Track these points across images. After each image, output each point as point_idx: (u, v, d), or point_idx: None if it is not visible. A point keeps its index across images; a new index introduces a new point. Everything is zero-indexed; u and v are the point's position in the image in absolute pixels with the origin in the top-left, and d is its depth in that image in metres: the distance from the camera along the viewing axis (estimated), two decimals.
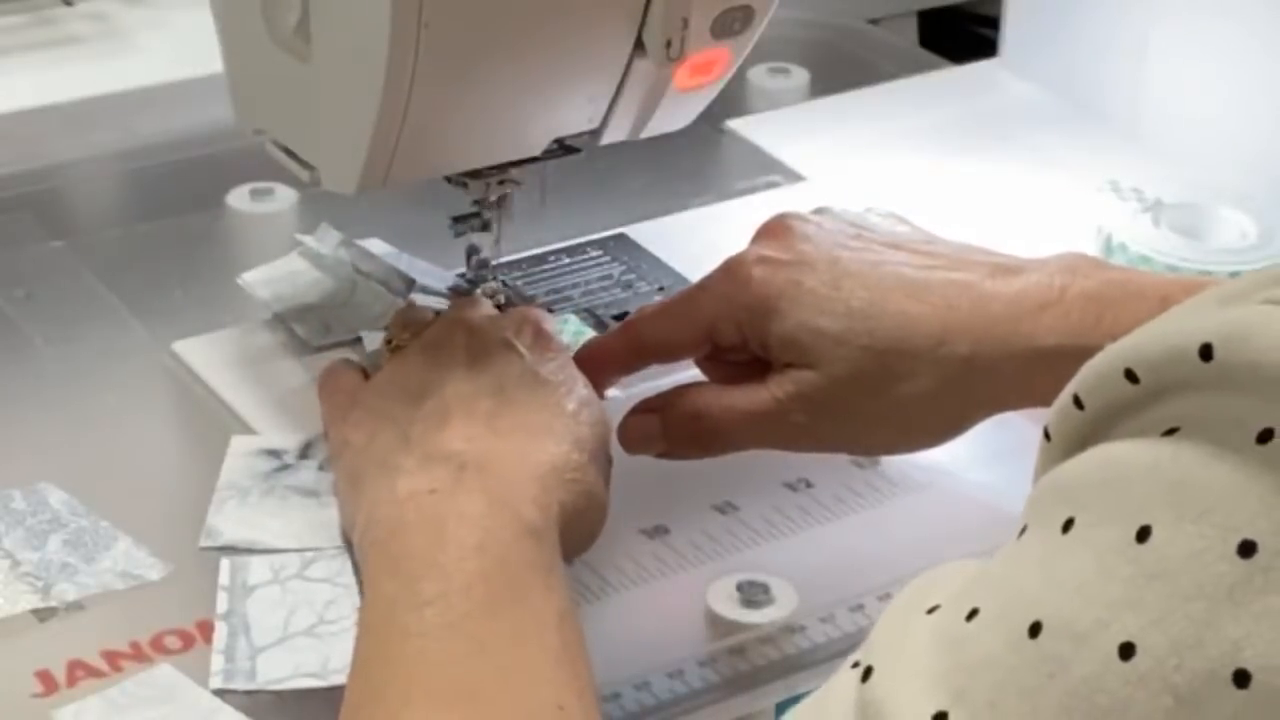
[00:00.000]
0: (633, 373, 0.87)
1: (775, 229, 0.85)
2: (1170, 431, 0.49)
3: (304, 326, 0.94)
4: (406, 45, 0.78)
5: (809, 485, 0.87)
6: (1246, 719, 0.47)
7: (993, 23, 1.27)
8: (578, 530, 0.76)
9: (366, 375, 0.85)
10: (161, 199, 1.09)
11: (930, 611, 0.53)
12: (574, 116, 0.86)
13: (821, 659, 0.78)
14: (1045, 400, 0.82)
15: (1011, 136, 1.17)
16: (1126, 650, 0.47)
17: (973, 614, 0.51)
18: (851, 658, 0.54)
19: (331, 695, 0.73)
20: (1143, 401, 0.50)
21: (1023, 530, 0.52)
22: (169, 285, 1.00)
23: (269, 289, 0.97)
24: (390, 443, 0.78)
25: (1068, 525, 0.50)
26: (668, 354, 0.86)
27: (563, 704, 0.67)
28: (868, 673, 0.52)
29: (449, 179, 0.89)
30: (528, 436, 0.76)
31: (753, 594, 0.79)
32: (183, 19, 1.22)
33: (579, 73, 0.84)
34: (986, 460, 0.89)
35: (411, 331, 0.84)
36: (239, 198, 1.06)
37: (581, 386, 0.80)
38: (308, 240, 0.99)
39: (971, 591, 0.52)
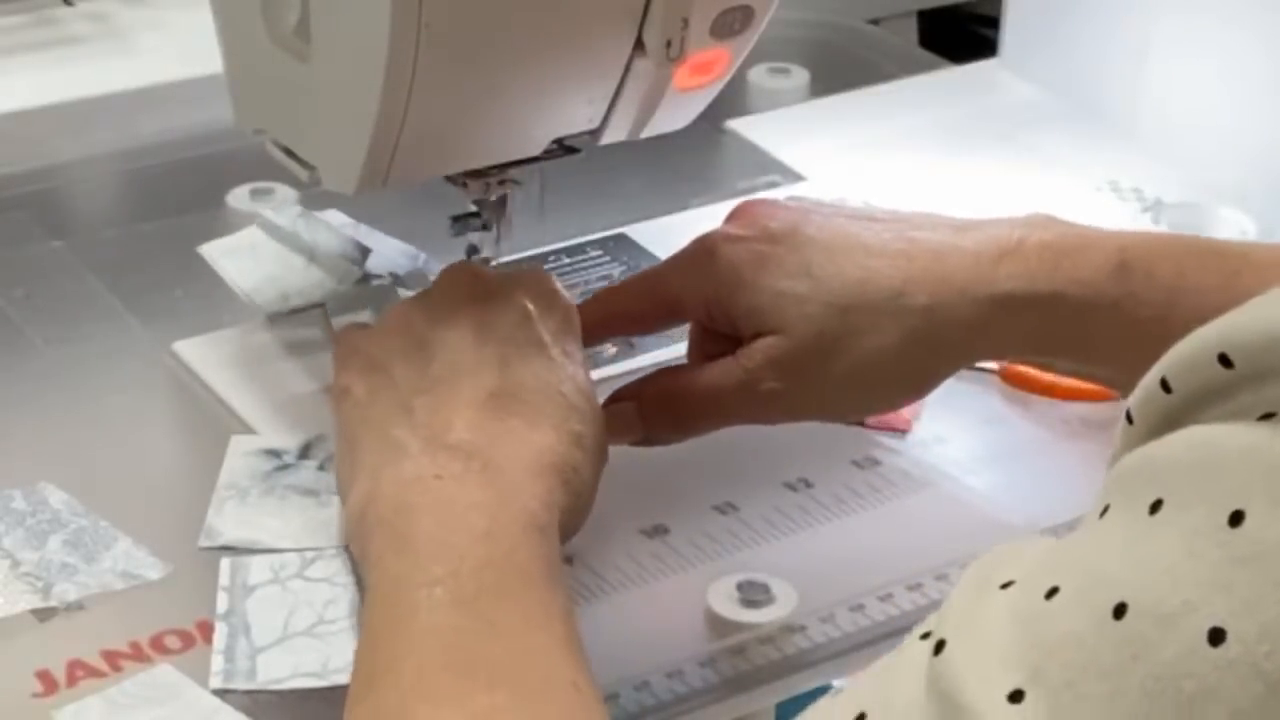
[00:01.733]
0: (599, 342, 0.90)
1: (743, 210, 0.86)
2: (1267, 416, 0.48)
3: (263, 297, 0.95)
4: (406, 45, 0.78)
5: (809, 485, 0.87)
6: None
7: (993, 23, 1.27)
8: (565, 526, 0.76)
9: None
10: (161, 199, 1.09)
11: (1004, 587, 0.52)
12: (574, 116, 0.86)
13: (821, 659, 0.78)
14: (1008, 348, 0.83)
15: (1011, 136, 1.17)
16: (1216, 635, 0.46)
17: (1052, 592, 0.50)
18: (920, 628, 0.54)
19: (332, 695, 0.73)
20: (1237, 386, 0.49)
21: (1105, 509, 0.51)
22: (169, 285, 1.00)
23: (228, 260, 0.97)
24: (391, 410, 0.78)
25: (1155, 506, 0.49)
26: (632, 326, 0.89)
27: (577, 684, 0.67)
28: (940, 645, 0.52)
29: (449, 179, 0.89)
30: (529, 427, 0.76)
31: (753, 594, 0.79)
32: (183, 19, 1.22)
33: (579, 73, 0.84)
34: (986, 461, 0.89)
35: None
36: (239, 198, 1.06)
37: (583, 373, 0.80)
38: (267, 213, 0.99)
39: (1050, 569, 0.51)
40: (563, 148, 0.89)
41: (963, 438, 0.90)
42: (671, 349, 0.95)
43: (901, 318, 0.80)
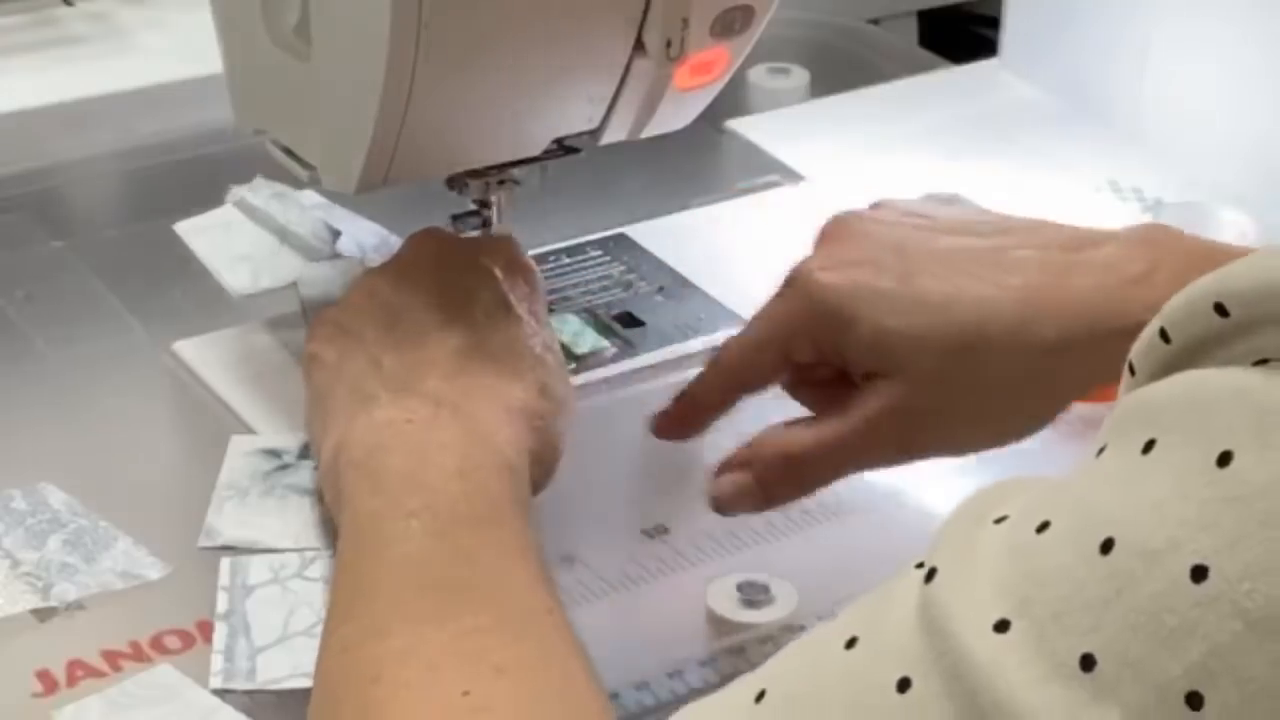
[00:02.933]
0: (728, 409, 0.83)
1: (834, 231, 0.81)
2: (1261, 362, 0.49)
3: (234, 275, 0.95)
4: (406, 45, 0.78)
5: None
6: None
7: (993, 23, 1.27)
8: (535, 475, 0.77)
9: None
10: (161, 199, 1.09)
11: (998, 522, 0.53)
12: (574, 116, 0.86)
13: None
14: None
15: (1011, 136, 1.17)
16: (1199, 572, 0.47)
17: (1043, 526, 0.51)
18: (915, 560, 0.54)
19: None
20: (1232, 334, 0.49)
21: (1101, 449, 0.52)
22: (169, 285, 1.00)
23: (202, 238, 0.97)
24: (361, 368, 0.79)
25: (1148, 446, 0.50)
26: (753, 381, 0.82)
27: (552, 610, 0.68)
28: (931, 574, 0.52)
29: (449, 179, 0.89)
30: (497, 377, 0.78)
31: (753, 594, 0.79)
32: (183, 19, 1.22)
33: (579, 73, 0.84)
34: (987, 461, 0.89)
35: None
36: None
37: (549, 333, 0.82)
38: (242, 192, 0.99)
39: (1043, 504, 0.52)
40: (563, 148, 0.89)
41: None
42: (670, 348, 0.95)
43: (1025, 356, 0.76)
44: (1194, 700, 0.47)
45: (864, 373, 0.78)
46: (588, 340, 0.95)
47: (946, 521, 0.55)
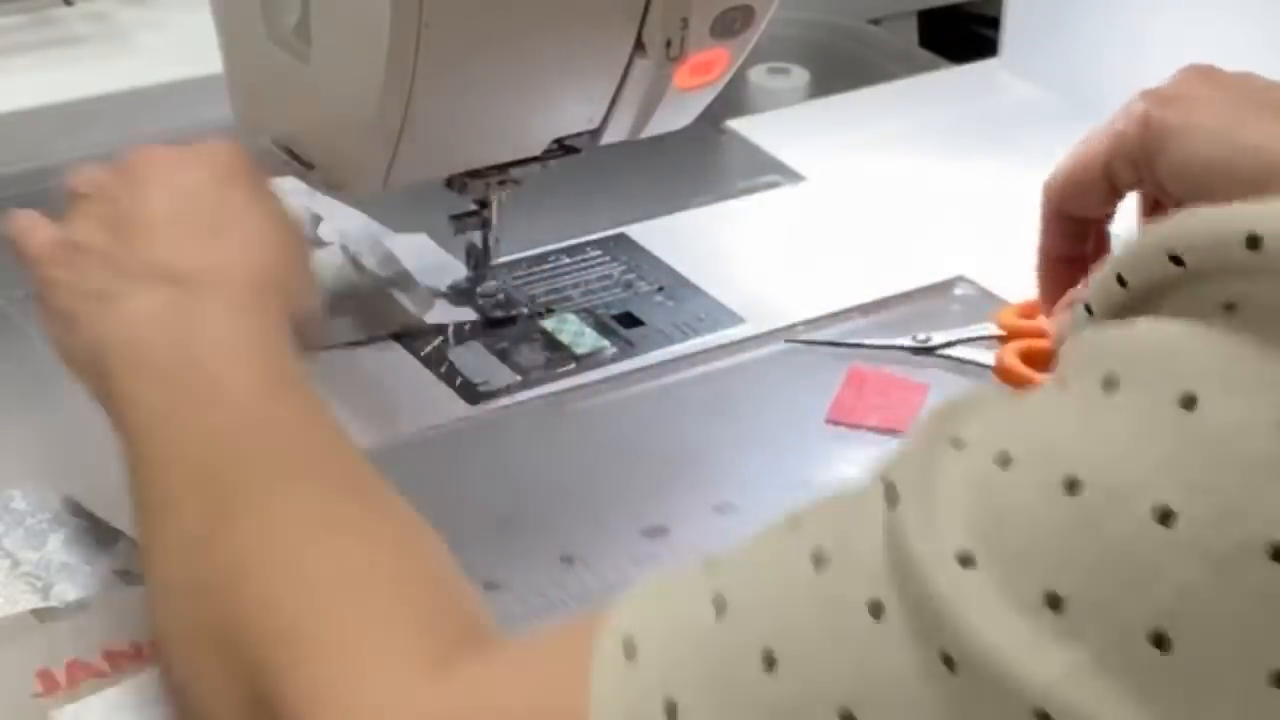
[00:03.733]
0: (1082, 247, 0.87)
1: (1182, 72, 0.85)
2: (1228, 308, 0.49)
3: None
4: (406, 45, 0.78)
5: (808, 486, 0.87)
6: (1277, 592, 0.47)
7: (993, 23, 1.27)
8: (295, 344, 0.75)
9: None
10: None
11: (956, 445, 0.53)
12: (574, 116, 0.86)
13: None
14: None
15: (1011, 136, 1.17)
16: (1164, 514, 0.48)
17: (1004, 457, 0.51)
18: (874, 471, 0.54)
19: None
20: (1190, 281, 0.50)
21: (1059, 379, 0.52)
22: None
23: None
24: (99, 273, 0.76)
25: (1111, 385, 0.50)
26: (1079, 203, 0.87)
27: (376, 480, 0.67)
28: (892, 494, 0.53)
29: (449, 179, 0.89)
30: (238, 246, 0.75)
31: None
32: (183, 19, 1.22)
33: (579, 73, 0.84)
34: None
35: None
36: None
37: (280, 203, 0.79)
38: None
39: (1001, 433, 0.52)
40: (563, 148, 0.89)
41: None
42: (671, 348, 0.95)
43: None
44: (1159, 640, 0.47)
45: (1176, 203, 0.80)
46: (588, 340, 0.95)
47: (905, 439, 0.55)
